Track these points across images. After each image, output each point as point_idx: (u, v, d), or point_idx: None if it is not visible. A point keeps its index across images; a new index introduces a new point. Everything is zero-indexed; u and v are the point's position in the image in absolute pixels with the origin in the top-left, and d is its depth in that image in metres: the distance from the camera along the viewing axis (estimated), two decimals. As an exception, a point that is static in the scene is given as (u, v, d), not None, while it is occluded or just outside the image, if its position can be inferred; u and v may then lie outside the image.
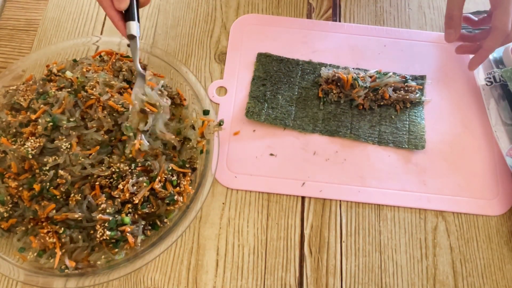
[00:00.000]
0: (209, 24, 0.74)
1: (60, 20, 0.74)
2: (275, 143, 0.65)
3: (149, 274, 0.57)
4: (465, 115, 0.68)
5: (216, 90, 0.68)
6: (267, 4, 0.76)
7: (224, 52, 0.72)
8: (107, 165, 0.53)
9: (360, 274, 0.58)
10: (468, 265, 0.59)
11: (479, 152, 0.65)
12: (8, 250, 0.54)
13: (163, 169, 0.55)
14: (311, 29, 0.74)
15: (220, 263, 0.58)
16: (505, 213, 0.61)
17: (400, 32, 0.75)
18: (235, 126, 0.66)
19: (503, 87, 0.67)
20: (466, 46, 0.67)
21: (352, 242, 0.59)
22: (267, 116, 0.66)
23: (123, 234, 0.52)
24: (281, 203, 0.61)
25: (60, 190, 0.52)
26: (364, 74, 0.67)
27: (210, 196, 0.61)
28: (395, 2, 0.78)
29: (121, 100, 0.57)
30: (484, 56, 0.63)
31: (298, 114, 0.67)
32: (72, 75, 0.58)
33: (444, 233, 0.60)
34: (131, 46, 0.57)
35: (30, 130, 0.54)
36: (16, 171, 0.53)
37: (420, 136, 0.65)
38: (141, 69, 0.58)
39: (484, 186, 0.63)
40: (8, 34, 0.72)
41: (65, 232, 0.52)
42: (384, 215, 0.61)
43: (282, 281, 0.57)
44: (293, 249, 0.59)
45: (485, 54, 0.62)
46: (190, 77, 0.64)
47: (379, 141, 0.65)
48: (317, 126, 0.66)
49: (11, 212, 0.53)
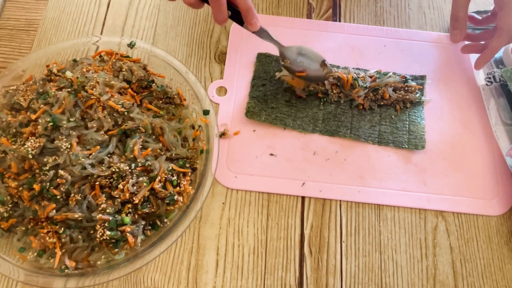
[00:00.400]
0: (209, 24, 0.74)
1: (60, 20, 0.74)
2: (275, 143, 0.65)
3: (149, 274, 0.57)
4: (465, 115, 0.68)
5: (216, 90, 0.68)
6: (267, 4, 0.76)
7: (224, 52, 0.72)
8: (107, 165, 0.53)
9: (360, 274, 0.58)
10: (468, 265, 0.59)
11: (479, 152, 0.65)
12: (8, 250, 0.54)
13: (163, 169, 0.55)
14: (311, 29, 0.74)
15: (220, 263, 0.58)
16: (505, 213, 0.61)
17: (400, 32, 0.75)
18: (235, 126, 0.66)
19: (503, 87, 0.67)
20: (471, 45, 0.68)
21: (352, 242, 0.59)
22: (267, 116, 0.66)
23: (123, 234, 0.52)
24: (281, 203, 0.61)
25: (60, 190, 0.52)
26: (364, 74, 0.67)
27: (210, 196, 0.61)
28: (395, 2, 0.78)
29: (121, 100, 0.57)
30: (490, 56, 0.64)
31: (298, 114, 0.67)
32: (72, 75, 0.58)
33: (444, 233, 0.60)
34: (263, 35, 0.63)
35: (30, 130, 0.54)
36: (16, 171, 0.53)
37: (420, 136, 0.65)
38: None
39: (484, 186, 0.63)
40: (8, 34, 0.72)
41: (65, 232, 0.52)
42: (384, 215, 0.61)
43: (282, 281, 0.57)
44: (293, 249, 0.59)
45: (490, 54, 0.63)
46: (190, 77, 0.64)
47: (379, 141, 0.65)
48: (317, 126, 0.66)
49: (11, 212, 0.53)
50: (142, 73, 0.62)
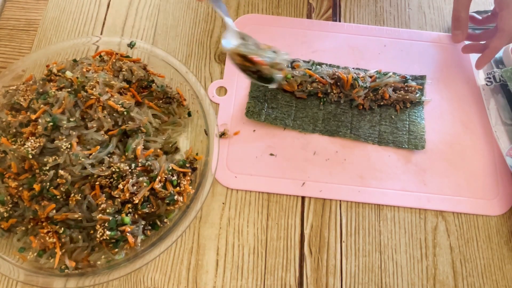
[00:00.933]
0: (209, 24, 0.74)
1: (60, 20, 0.74)
2: (275, 143, 0.65)
3: (149, 274, 0.57)
4: (465, 115, 0.68)
5: (216, 90, 0.68)
6: (267, 4, 0.76)
7: (224, 52, 0.72)
8: (107, 165, 0.53)
9: (360, 274, 0.58)
10: (468, 265, 0.59)
11: (479, 152, 0.65)
12: (8, 250, 0.54)
13: (163, 169, 0.55)
14: (311, 29, 0.74)
15: (220, 263, 0.58)
16: (505, 213, 0.61)
17: (400, 32, 0.75)
18: (235, 126, 0.66)
19: (503, 87, 0.67)
20: (472, 45, 0.68)
21: (352, 242, 0.59)
22: (267, 116, 0.66)
23: (123, 234, 0.52)
24: (281, 203, 0.61)
25: (60, 190, 0.52)
26: (364, 74, 0.67)
27: (210, 196, 0.61)
28: (395, 2, 0.78)
29: (120, 100, 0.57)
30: (491, 56, 0.64)
31: (298, 114, 0.67)
32: (72, 75, 0.58)
33: (444, 233, 0.60)
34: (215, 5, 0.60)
35: (30, 130, 0.54)
36: (16, 171, 0.53)
37: (420, 136, 0.65)
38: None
39: (484, 186, 0.63)
40: (8, 34, 0.72)
41: (65, 232, 0.52)
42: (384, 215, 0.61)
43: (282, 281, 0.57)
44: (293, 249, 0.59)
45: (491, 54, 0.63)
46: (190, 77, 0.64)
47: (379, 141, 0.65)
48: (317, 126, 0.66)
49: (11, 212, 0.53)
50: (142, 73, 0.62)
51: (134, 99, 0.59)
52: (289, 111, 0.67)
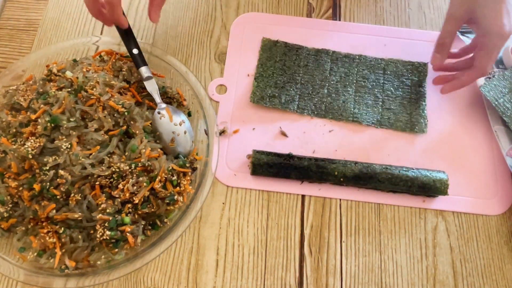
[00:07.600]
0: (209, 24, 0.74)
1: (60, 20, 0.74)
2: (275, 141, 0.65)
3: (149, 274, 0.57)
4: (465, 115, 0.68)
5: (216, 88, 0.69)
6: (267, 4, 0.76)
7: (224, 52, 0.72)
8: (107, 165, 0.53)
9: (360, 274, 0.58)
10: (468, 265, 0.59)
11: (479, 152, 0.65)
12: (8, 250, 0.54)
13: (163, 169, 0.55)
14: (311, 28, 0.74)
15: (220, 263, 0.58)
16: (504, 213, 0.61)
17: (400, 31, 0.75)
18: (234, 125, 0.66)
19: (503, 87, 0.67)
20: (442, 77, 0.67)
21: (352, 242, 0.59)
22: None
23: (123, 234, 0.52)
24: (281, 202, 0.61)
25: (60, 190, 0.52)
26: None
27: (210, 196, 0.61)
28: (395, 2, 0.78)
29: (121, 100, 0.57)
30: (458, 87, 0.64)
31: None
32: (72, 75, 0.58)
33: (444, 233, 0.60)
34: (148, 85, 0.61)
35: (30, 130, 0.54)
36: (16, 171, 0.53)
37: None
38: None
39: (483, 186, 0.63)
40: (8, 34, 0.72)
41: (65, 232, 0.52)
42: (384, 214, 0.61)
43: (282, 281, 0.57)
44: (293, 249, 0.59)
45: (459, 86, 0.64)
46: (190, 77, 0.64)
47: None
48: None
49: (11, 212, 0.53)
50: (142, 73, 0.62)
51: (134, 99, 0.59)
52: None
